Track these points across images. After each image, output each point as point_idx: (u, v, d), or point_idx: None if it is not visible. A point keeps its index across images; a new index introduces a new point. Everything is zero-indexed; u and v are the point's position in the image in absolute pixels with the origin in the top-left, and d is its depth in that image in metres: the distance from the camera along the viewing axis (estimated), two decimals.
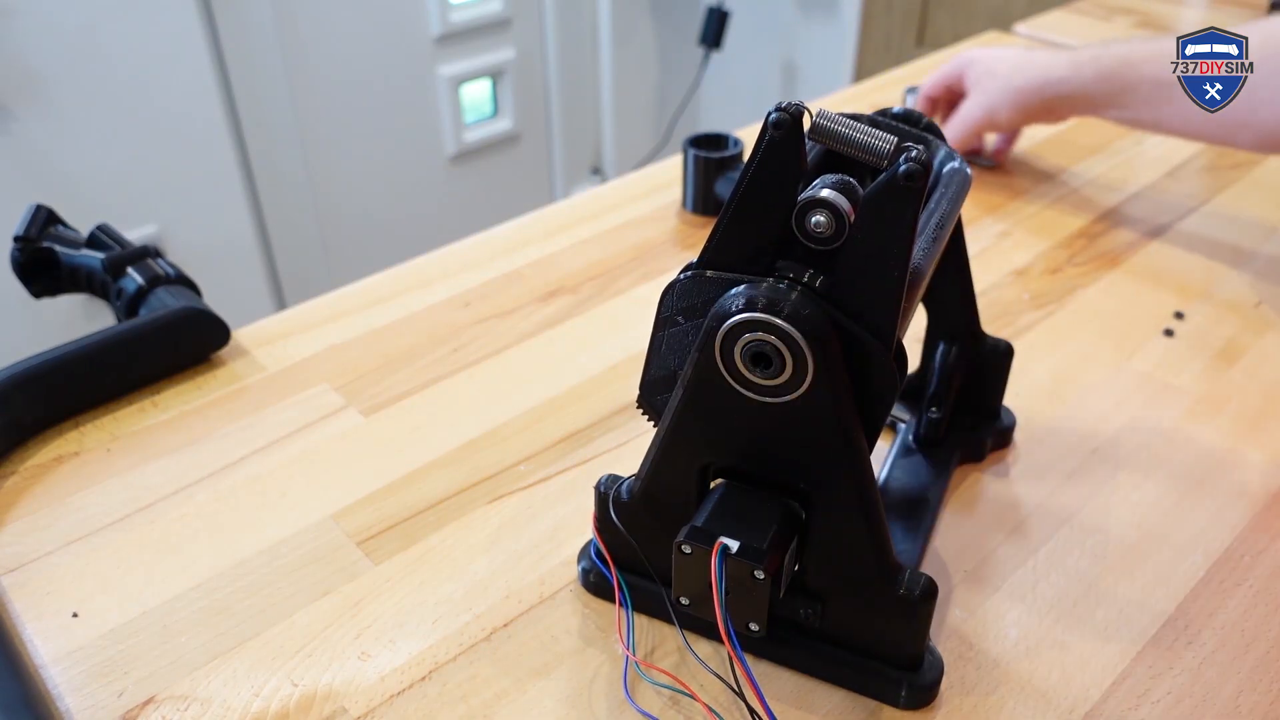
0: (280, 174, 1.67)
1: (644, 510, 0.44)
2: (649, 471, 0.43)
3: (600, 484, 0.46)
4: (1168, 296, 0.71)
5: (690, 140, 0.82)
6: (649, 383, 0.43)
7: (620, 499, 0.45)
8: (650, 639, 0.47)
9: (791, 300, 0.36)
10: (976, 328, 0.55)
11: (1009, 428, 0.58)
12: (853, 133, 0.36)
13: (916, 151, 0.34)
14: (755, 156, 0.36)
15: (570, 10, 1.94)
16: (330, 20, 1.63)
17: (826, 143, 0.37)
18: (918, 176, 0.34)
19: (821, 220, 0.37)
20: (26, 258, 0.66)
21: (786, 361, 0.37)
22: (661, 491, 0.43)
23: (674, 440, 0.42)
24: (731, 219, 0.38)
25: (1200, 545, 0.51)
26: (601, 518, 0.46)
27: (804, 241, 0.37)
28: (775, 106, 0.36)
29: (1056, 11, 1.27)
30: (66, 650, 0.46)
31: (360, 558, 0.51)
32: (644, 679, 0.45)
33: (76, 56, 1.38)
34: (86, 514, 0.54)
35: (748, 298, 0.37)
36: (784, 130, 0.36)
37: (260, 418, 0.60)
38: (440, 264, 0.76)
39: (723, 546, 0.39)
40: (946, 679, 0.44)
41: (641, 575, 0.47)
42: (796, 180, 0.37)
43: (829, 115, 0.36)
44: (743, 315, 0.36)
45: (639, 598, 0.47)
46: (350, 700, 0.44)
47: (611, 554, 0.47)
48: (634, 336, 0.68)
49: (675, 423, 0.41)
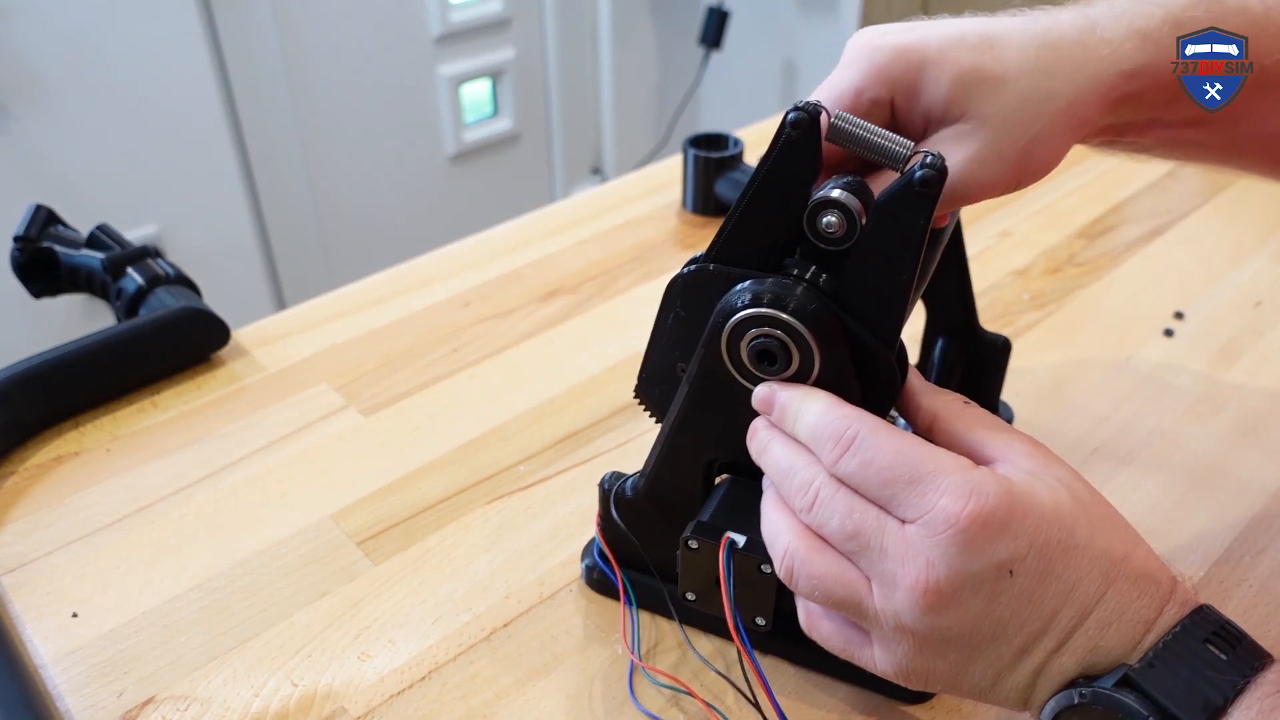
0: (280, 174, 1.67)
1: (649, 507, 0.44)
2: (654, 468, 0.43)
3: (604, 481, 0.46)
4: (1168, 296, 0.71)
5: (690, 140, 0.82)
6: (648, 374, 0.43)
7: (624, 496, 0.45)
8: (651, 636, 0.47)
9: (797, 296, 0.36)
10: (974, 323, 0.55)
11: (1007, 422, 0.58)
12: (870, 135, 0.36)
13: (932, 158, 0.34)
14: (771, 154, 0.36)
15: (570, 10, 1.94)
16: (330, 20, 1.63)
17: (843, 144, 0.37)
18: (934, 183, 0.34)
19: (833, 221, 0.37)
20: (26, 258, 0.66)
21: (792, 357, 0.37)
22: (666, 488, 0.44)
23: (679, 436, 0.42)
24: (743, 215, 0.38)
25: (1200, 545, 0.51)
26: (605, 515, 0.46)
27: (814, 241, 0.37)
28: (794, 106, 0.36)
29: None
30: (66, 650, 0.46)
31: (360, 558, 0.51)
32: (645, 678, 0.45)
33: (76, 56, 1.38)
34: (86, 514, 0.54)
35: (754, 293, 0.37)
36: (802, 130, 0.36)
37: (260, 418, 0.60)
38: (440, 264, 0.76)
39: (730, 541, 0.39)
40: None
41: (644, 572, 0.47)
42: (811, 180, 0.37)
43: (846, 117, 0.36)
44: (749, 311, 0.37)
45: (643, 595, 0.47)
46: (350, 700, 0.44)
47: (614, 551, 0.47)
48: (634, 336, 0.68)
49: (681, 419, 0.41)
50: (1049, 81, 0.37)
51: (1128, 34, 0.38)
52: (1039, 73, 0.37)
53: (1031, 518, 0.33)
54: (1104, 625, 0.33)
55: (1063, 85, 0.38)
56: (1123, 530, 0.35)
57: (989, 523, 0.32)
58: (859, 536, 0.34)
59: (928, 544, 0.33)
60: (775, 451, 0.38)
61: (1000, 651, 0.34)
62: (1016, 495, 0.33)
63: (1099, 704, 0.32)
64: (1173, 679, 0.31)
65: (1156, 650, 0.32)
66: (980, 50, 0.38)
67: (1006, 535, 0.33)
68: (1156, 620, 0.33)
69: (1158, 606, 0.33)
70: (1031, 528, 0.33)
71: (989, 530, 0.32)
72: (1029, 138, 0.38)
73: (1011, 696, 0.35)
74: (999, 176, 0.38)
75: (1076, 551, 0.33)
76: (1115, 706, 0.31)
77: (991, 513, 0.32)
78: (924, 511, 0.33)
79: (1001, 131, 0.37)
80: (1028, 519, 0.33)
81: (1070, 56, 0.38)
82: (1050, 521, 0.33)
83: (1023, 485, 0.34)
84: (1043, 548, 0.33)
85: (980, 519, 0.32)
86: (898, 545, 0.34)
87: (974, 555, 0.32)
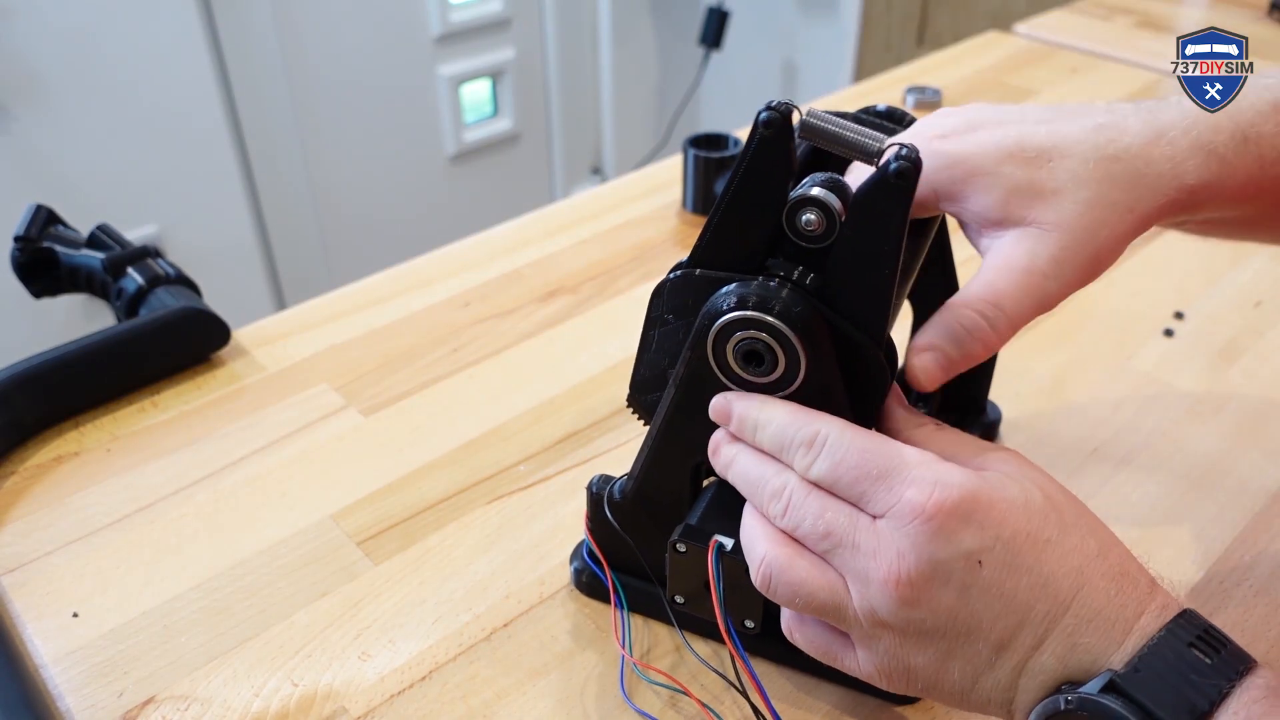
0: (280, 174, 1.67)
1: (637, 510, 0.44)
2: (641, 471, 0.43)
3: (592, 484, 0.46)
4: (1168, 296, 0.71)
5: (690, 140, 0.82)
6: (639, 382, 0.43)
7: (613, 499, 0.45)
8: (646, 639, 0.47)
9: (782, 298, 0.36)
10: None
11: (994, 422, 0.58)
12: (842, 131, 0.36)
13: (907, 149, 0.34)
14: (745, 155, 0.37)
15: (570, 10, 1.94)
16: (330, 20, 1.63)
17: (816, 141, 0.37)
18: (908, 175, 0.34)
19: (812, 218, 0.37)
20: (26, 258, 0.66)
21: (779, 359, 0.37)
22: (654, 491, 0.43)
23: (666, 439, 0.42)
24: (722, 217, 0.38)
25: (1200, 545, 0.51)
26: (594, 517, 0.46)
27: (795, 240, 0.38)
28: (765, 105, 0.36)
29: (1056, 11, 1.27)
30: (66, 650, 0.46)
31: (360, 558, 0.51)
32: (641, 679, 0.45)
33: (76, 56, 1.38)
34: (86, 514, 0.54)
35: (739, 296, 0.37)
36: (774, 129, 0.36)
37: (260, 418, 0.60)
38: (440, 264, 0.76)
39: (718, 545, 0.39)
40: None
41: (634, 575, 0.47)
42: (787, 179, 0.37)
43: (818, 114, 0.37)
44: (734, 314, 0.37)
45: (633, 597, 0.47)
46: (350, 700, 0.44)
47: (604, 554, 0.47)
48: (634, 336, 0.67)
49: (667, 422, 0.41)
50: (1109, 192, 0.38)
51: (1193, 148, 0.39)
52: (1097, 183, 0.38)
53: (998, 510, 0.33)
54: (1082, 622, 0.33)
55: (1121, 197, 0.38)
56: (1098, 531, 0.35)
57: (954, 512, 0.33)
58: (831, 535, 0.35)
59: (897, 535, 0.33)
60: (743, 463, 0.38)
61: (977, 647, 0.34)
62: (984, 488, 0.34)
63: (1085, 710, 0.32)
64: (1158, 683, 0.31)
65: (1141, 654, 0.32)
66: (1036, 165, 0.38)
67: (972, 524, 0.33)
68: (1138, 623, 0.33)
69: (1138, 607, 0.33)
70: (998, 519, 0.33)
71: (954, 519, 0.33)
72: (1094, 244, 0.38)
73: (994, 698, 0.35)
74: (1073, 276, 0.38)
75: (1047, 546, 0.33)
76: (1101, 712, 0.31)
77: (957, 503, 0.33)
78: (891, 504, 0.34)
79: (1067, 239, 0.37)
80: (993, 510, 0.33)
81: (1132, 170, 0.38)
82: (1019, 515, 0.34)
83: (991, 480, 0.34)
84: (1010, 539, 0.33)
85: (946, 508, 0.33)
86: (869, 540, 0.34)
87: (942, 544, 0.33)
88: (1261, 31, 1.17)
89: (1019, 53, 1.14)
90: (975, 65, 1.11)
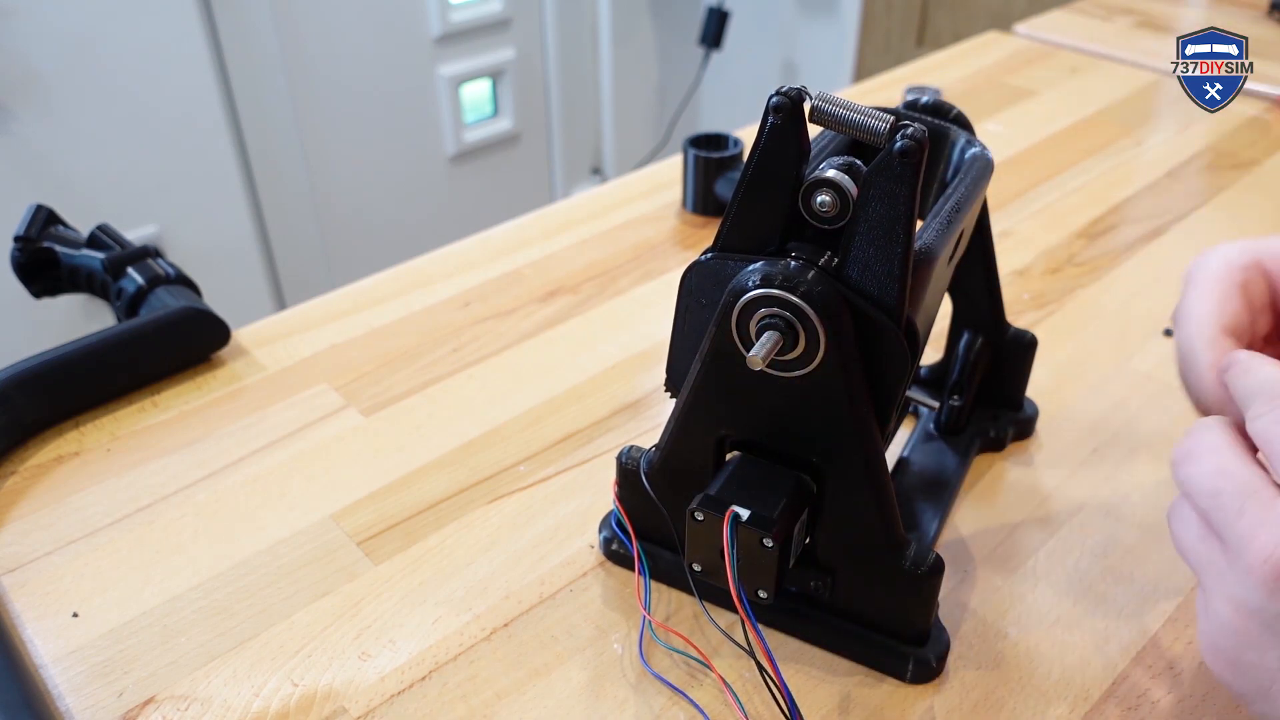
0: (280, 174, 1.67)
1: (663, 481, 0.46)
2: (668, 442, 0.45)
3: (621, 455, 0.47)
4: (1168, 296, 0.71)
5: (690, 140, 0.82)
6: (675, 366, 0.44)
7: (640, 469, 0.46)
8: (666, 608, 0.48)
9: (805, 278, 0.37)
10: (1000, 318, 0.55)
11: (1031, 418, 0.58)
12: (850, 114, 0.37)
13: (913, 129, 0.35)
14: (759, 141, 0.38)
15: (570, 10, 1.94)
16: (330, 20, 1.64)
17: (826, 125, 0.38)
18: (913, 153, 0.35)
19: (826, 200, 0.38)
20: (26, 258, 0.66)
21: (800, 337, 0.38)
22: (680, 462, 0.45)
23: (691, 412, 0.43)
24: (741, 203, 0.39)
25: None
26: (623, 485, 0.47)
27: (811, 221, 0.39)
28: (775, 91, 0.37)
29: (1056, 11, 1.27)
30: (66, 650, 0.46)
31: (360, 558, 0.51)
32: (659, 644, 0.46)
33: (76, 57, 1.38)
34: (86, 514, 0.54)
35: (764, 274, 0.38)
36: (784, 114, 0.37)
37: (260, 418, 0.60)
38: (440, 264, 0.76)
39: (734, 514, 0.40)
40: (958, 655, 0.45)
41: (659, 544, 0.48)
42: (800, 162, 0.38)
43: (827, 97, 0.38)
44: (758, 291, 0.38)
45: (657, 566, 0.49)
46: (350, 700, 0.44)
47: (631, 523, 0.48)
48: (634, 336, 0.68)
49: (693, 395, 0.42)
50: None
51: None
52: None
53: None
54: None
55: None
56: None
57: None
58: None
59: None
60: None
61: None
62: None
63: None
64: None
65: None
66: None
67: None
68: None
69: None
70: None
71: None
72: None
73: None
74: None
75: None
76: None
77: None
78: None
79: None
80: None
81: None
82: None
83: None
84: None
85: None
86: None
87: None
88: (1261, 31, 1.17)
89: (1019, 53, 1.14)
90: (975, 65, 1.11)
